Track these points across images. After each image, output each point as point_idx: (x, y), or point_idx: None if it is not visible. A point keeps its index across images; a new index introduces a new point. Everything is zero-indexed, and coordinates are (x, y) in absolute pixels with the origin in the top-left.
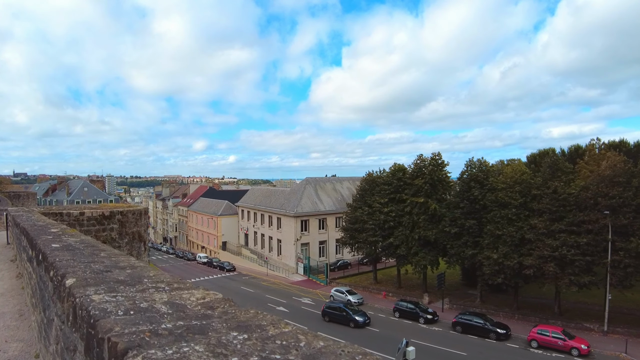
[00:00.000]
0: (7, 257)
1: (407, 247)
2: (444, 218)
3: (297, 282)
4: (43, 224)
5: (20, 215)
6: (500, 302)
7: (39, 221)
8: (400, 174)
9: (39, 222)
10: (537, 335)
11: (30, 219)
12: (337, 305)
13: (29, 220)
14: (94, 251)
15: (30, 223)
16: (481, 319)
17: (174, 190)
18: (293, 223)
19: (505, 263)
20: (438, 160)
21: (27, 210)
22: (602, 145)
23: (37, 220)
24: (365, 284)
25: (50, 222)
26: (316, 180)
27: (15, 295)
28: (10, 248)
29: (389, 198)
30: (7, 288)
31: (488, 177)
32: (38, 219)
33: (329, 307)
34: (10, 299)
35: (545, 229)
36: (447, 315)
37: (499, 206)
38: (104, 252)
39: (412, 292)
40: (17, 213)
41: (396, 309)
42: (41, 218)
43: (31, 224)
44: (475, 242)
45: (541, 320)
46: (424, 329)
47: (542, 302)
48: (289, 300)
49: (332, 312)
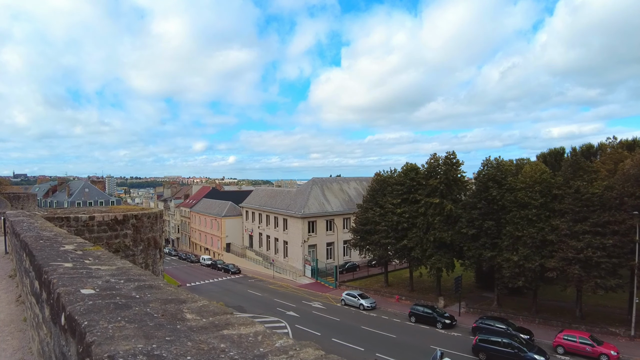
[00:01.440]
0: (5, 272)
1: (421, 249)
2: (460, 219)
3: (305, 285)
4: (51, 235)
5: (20, 221)
6: (517, 306)
7: (44, 230)
8: (413, 173)
9: (44, 231)
10: (564, 341)
11: (33, 227)
12: (501, 340)
13: (31, 230)
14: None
15: (33, 234)
16: (503, 324)
17: (176, 191)
18: (300, 224)
19: (526, 265)
20: (453, 160)
21: (28, 214)
22: (617, 144)
23: (42, 229)
24: (376, 287)
25: (60, 232)
26: (323, 180)
27: (14, 332)
28: (9, 259)
29: (401, 199)
30: (4, 319)
31: (506, 176)
32: (42, 227)
33: (486, 341)
34: (9, 339)
35: (569, 230)
36: (464, 319)
37: (518, 206)
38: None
39: (426, 296)
40: (16, 218)
41: (412, 313)
42: (46, 225)
43: (35, 236)
44: (493, 244)
45: (564, 325)
46: (443, 335)
47: (560, 305)
48: (299, 305)
49: (494, 348)
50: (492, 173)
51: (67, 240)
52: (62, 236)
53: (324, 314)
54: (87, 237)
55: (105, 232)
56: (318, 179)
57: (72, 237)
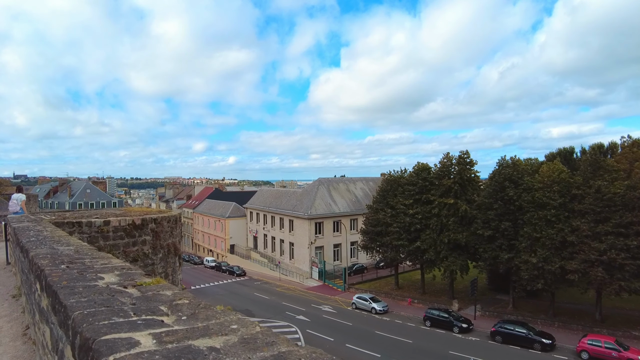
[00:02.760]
0: (6, 289)
1: (435, 251)
2: (475, 220)
3: (313, 287)
4: (72, 254)
5: (25, 228)
6: (534, 309)
7: (58, 242)
8: (425, 173)
9: (59, 244)
10: (588, 346)
11: (44, 239)
12: None
13: (42, 243)
14: None
15: (47, 251)
16: (524, 328)
17: (178, 192)
18: (307, 225)
19: (545, 267)
20: (466, 159)
21: (33, 219)
22: (630, 143)
23: (56, 241)
24: (386, 289)
25: (80, 246)
26: (329, 180)
27: None
28: (12, 272)
29: (413, 199)
30: None
31: (523, 176)
32: (55, 237)
33: None
34: None
35: (590, 231)
36: (480, 323)
37: (536, 207)
38: None
39: (438, 299)
40: (20, 224)
41: (427, 317)
42: (58, 235)
43: (50, 256)
44: (510, 246)
45: (584, 329)
46: (460, 339)
47: (577, 308)
48: (308, 308)
49: None
50: (508, 173)
51: (99, 264)
52: (89, 255)
53: (335, 318)
54: (101, 244)
55: (122, 239)
56: (324, 179)
57: (102, 255)
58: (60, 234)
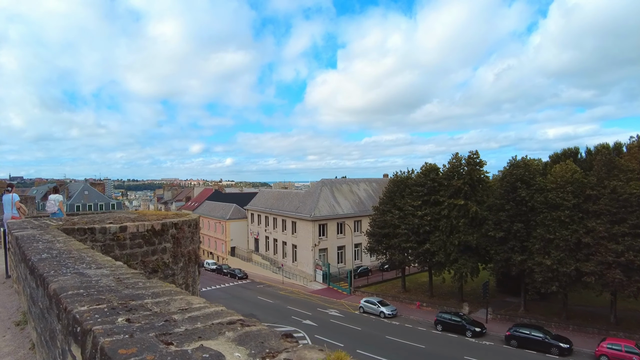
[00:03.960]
0: (8, 313)
1: (445, 253)
2: (486, 221)
3: (317, 291)
4: (116, 288)
5: (30, 238)
6: (546, 311)
7: (82, 261)
8: (434, 174)
9: (85, 266)
10: (608, 350)
11: (57, 253)
12: None
13: (59, 264)
14: None
15: (74, 282)
16: (540, 332)
17: (177, 193)
18: (310, 227)
19: (560, 269)
20: (476, 159)
21: (37, 224)
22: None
23: (77, 259)
24: (393, 292)
25: (113, 267)
26: (332, 181)
27: None
28: (14, 290)
29: (422, 200)
30: None
31: (534, 176)
32: (75, 254)
33: None
34: None
35: (606, 233)
36: (493, 326)
37: (549, 208)
38: None
39: (447, 302)
40: (23, 232)
41: (438, 321)
42: (74, 247)
43: (84, 287)
44: (523, 247)
45: (600, 332)
46: (474, 344)
47: (590, 310)
48: (314, 313)
49: None
50: (520, 173)
51: (174, 308)
52: (141, 287)
53: (343, 323)
54: (117, 254)
55: (140, 247)
56: (327, 180)
57: (164, 289)
58: (78, 246)
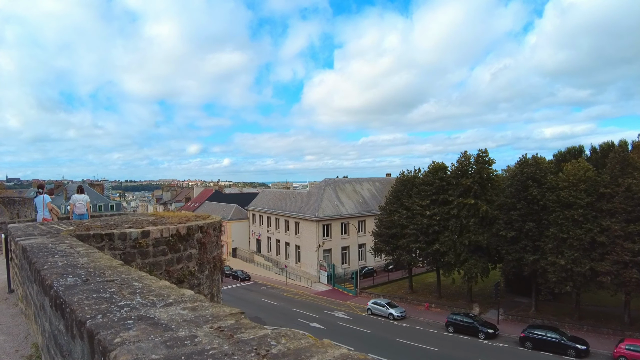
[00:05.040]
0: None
1: (455, 253)
2: (497, 221)
3: (322, 292)
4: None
5: (42, 249)
6: (557, 312)
7: (127, 285)
8: (442, 173)
9: (138, 299)
10: (627, 351)
11: (86, 274)
12: None
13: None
14: None
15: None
16: (556, 334)
17: (176, 194)
18: (314, 228)
19: (574, 269)
20: (485, 158)
21: (45, 229)
22: None
23: (120, 283)
24: (399, 293)
25: (207, 312)
26: (335, 181)
27: None
28: (19, 310)
29: (430, 200)
30: None
31: (546, 175)
32: (102, 268)
33: None
34: None
35: (622, 231)
36: (505, 327)
37: (561, 207)
38: None
39: (456, 303)
40: (30, 241)
41: (450, 322)
42: (107, 264)
43: None
44: (535, 247)
45: (615, 332)
46: (487, 346)
47: (602, 310)
48: (321, 315)
49: None
50: (531, 171)
51: None
52: (254, 343)
53: (351, 325)
54: (139, 263)
55: (165, 255)
56: (330, 179)
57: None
58: (107, 260)
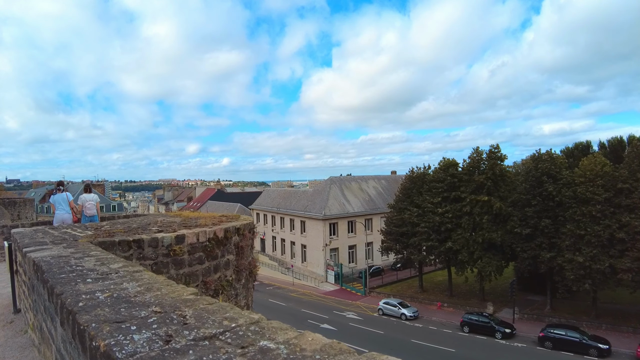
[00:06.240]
0: None
1: (468, 251)
2: (511, 218)
3: (330, 292)
4: None
5: (61, 267)
6: (572, 310)
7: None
8: (453, 169)
9: None
10: None
11: (145, 310)
12: None
13: None
14: None
15: None
16: (577, 333)
17: (178, 193)
18: (321, 226)
19: (593, 267)
20: (497, 153)
21: (57, 235)
22: None
23: (204, 338)
24: (410, 293)
25: None
26: (341, 179)
27: None
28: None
29: (442, 197)
30: None
31: (561, 170)
32: (161, 303)
33: None
34: None
35: None
36: (521, 327)
37: (578, 203)
38: None
39: (468, 301)
40: (44, 253)
41: (465, 322)
42: (168, 290)
43: None
44: (551, 244)
45: (635, 331)
46: (505, 346)
47: (617, 307)
48: (331, 316)
49: None
50: (546, 167)
51: None
52: None
53: (363, 326)
54: (172, 275)
55: (202, 263)
56: (336, 177)
57: None
58: (172, 287)
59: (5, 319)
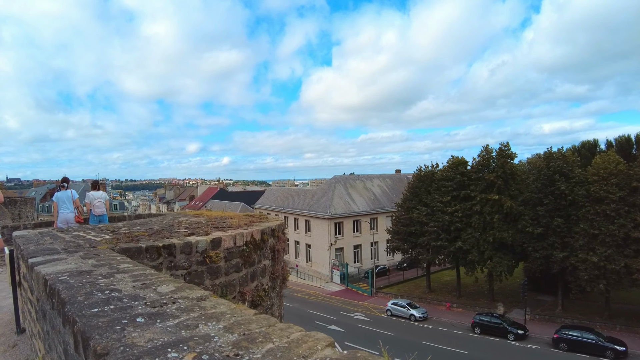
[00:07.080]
0: None
1: (479, 251)
2: (522, 217)
3: (336, 292)
4: None
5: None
6: (584, 310)
7: None
8: (462, 168)
9: None
10: None
11: None
12: None
13: None
14: None
15: None
16: (592, 334)
17: (180, 192)
18: (326, 226)
19: (607, 267)
20: (507, 151)
21: (69, 239)
22: None
23: None
24: (417, 293)
25: None
26: (345, 178)
27: None
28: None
29: (451, 196)
30: None
31: (574, 169)
32: None
33: None
34: None
35: None
36: (533, 328)
37: (591, 201)
38: None
39: (477, 302)
40: (57, 267)
41: (476, 323)
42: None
43: None
44: (564, 243)
45: None
46: (518, 348)
47: (631, 308)
48: (338, 317)
49: None
50: (558, 165)
51: None
52: None
53: (371, 327)
54: (207, 286)
55: (239, 271)
56: (340, 176)
57: None
58: (282, 331)
59: (6, 340)
